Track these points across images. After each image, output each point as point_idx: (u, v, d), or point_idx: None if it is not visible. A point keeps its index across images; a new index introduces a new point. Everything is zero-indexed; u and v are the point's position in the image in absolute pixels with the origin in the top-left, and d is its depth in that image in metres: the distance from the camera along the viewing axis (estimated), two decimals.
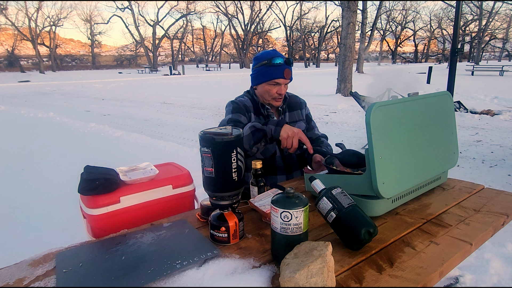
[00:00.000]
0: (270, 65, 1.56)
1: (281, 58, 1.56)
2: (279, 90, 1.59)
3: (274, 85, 1.59)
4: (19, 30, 36.96)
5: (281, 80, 1.57)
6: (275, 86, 1.59)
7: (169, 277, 0.82)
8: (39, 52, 37.04)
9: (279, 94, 1.60)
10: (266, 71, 1.57)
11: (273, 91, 1.59)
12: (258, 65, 1.61)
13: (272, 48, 4.58)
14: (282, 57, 1.57)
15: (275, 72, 1.56)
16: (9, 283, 0.82)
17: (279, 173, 1.66)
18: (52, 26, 40.62)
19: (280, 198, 0.86)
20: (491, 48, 56.58)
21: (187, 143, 5.40)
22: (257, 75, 1.62)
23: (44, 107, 9.66)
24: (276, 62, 1.54)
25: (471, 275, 1.97)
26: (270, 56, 1.57)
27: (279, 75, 1.56)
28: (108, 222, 1.13)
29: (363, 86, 5.90)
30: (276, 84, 1.58)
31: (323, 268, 0.73)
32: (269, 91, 1.60)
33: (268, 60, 1.56)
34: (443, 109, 1.33)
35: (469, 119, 6.93)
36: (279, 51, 1.94)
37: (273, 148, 1.65)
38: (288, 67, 1.57)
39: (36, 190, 3.44)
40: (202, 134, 0.94)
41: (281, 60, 1.55)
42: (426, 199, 1.27)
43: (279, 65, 1.55)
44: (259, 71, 1.60)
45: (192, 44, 58.02)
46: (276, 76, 1.56)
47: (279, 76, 1.56)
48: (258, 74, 1.61)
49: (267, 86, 1.60)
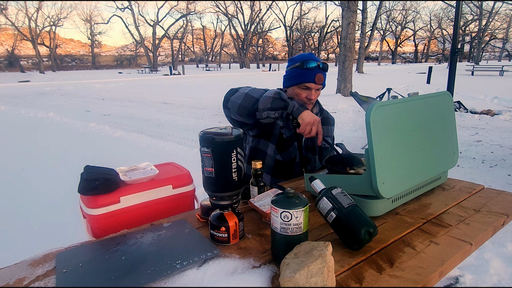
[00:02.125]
0: (303, 68, 1.50)
1: (315, 61, 1.49)
2: (309, 95, 1.52)
3: (304, 89, 1.52)
4: (19, 30, 36.94)
5: (311, 84, 1.50)
6: (305, 90, 1.52)
7: (169, 277, 0.82)
8: (39, 52, 37.02)
9: (309, 99, 1.53)
10: (298, 74, 1.51)
11: (303, 95, 1.52)
12: (291, 67, 1.55)
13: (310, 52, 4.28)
14: (318, 60, 1.50)
15: (307, 75, 1.49)
16: (9, 283, 0.82)
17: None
18: (52, 26, 40.63)
19: (280, 198, 0.86)
20: (491, 48, 56.59)
21: (187, 143, 5.40)
22: (288, 77, 1.57)
23: (44, 107, 9.66)
24: (309, 65, 1.48)
25: (471, 275, 1.97)
26: (304, 58, 1.51)
27: (310, 79, 1.49)
28: (108, 222, 1.13)
29: (363, 86, 5.89)
30: (307, 89, 1.51)
31: (323, 268, 0.73)
32: (299, 95, 1.53)
33: (301, 62, 1.50)
34: (443, 109, 1.33)
35: (469, 119, 6.93)
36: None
37: (293, 153, 1.62)
38: (321, 72, 1.50)
39: (36, 190, 3.44)
40: (202, 134, 0.94)
41: (314, 64, 1.48)
42: (426, 199, 1.27)
43: (312, 69, 1.48)
44: (291, 73, 1.55)
45: (192, 44, 58.04)
46: (307, 80, 1.49)
47: (310, 80, 1.49)
48: (290, 76, 1.55)
49: (297, 89, 1.53)
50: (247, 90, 1.40)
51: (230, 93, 1.44)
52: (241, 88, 1.45)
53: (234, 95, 1.41)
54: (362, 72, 23.69)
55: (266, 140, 1.62)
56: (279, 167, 1.62)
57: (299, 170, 1.63)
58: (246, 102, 1.36)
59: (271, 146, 1.61)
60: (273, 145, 1.61)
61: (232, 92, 1.44)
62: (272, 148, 1.61)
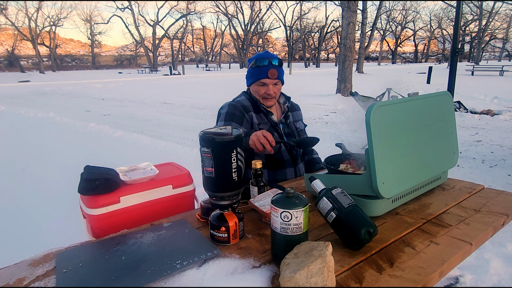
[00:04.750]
0: (257, 66, 1.64)
1: (266, 59, 1.62)
2: (267, 90, 1.65)
3: (261, 85, 1.66)
4: (19, 30, 36.96)
5: (266, 80, 1.64)
6: (262, 86, 1.66)
7: (169, 277, 0.82)
8: (39, 52, 37.04)
9: (268, 94, 1.66)
10: (253, 72, 1.66)
11: (262, 91, 1.66)
12: (249, 67, 1.71)
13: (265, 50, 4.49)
14: (271, 57, 1.64)
15: (260, 72, 1.63)
16: (9, 283, 0.82)
17: (287, 166, 1.70)
18: (52, 26, 40.66)
19: (280, 198, 0.86)
20: (491, 48, 56.60)
21: (187, 143, 5.39)
22: (247, 76, 1.72)
23: (44, 107, 9.65)
24: (261, 63, 1.62)
25: (471, 275, 1.97)
26: (257, 57, 1.65)
27: (263, 76, 1.63)
28: (108, 222, 1.13)
29: (363, 86, 5.90)
30: (264, 85, 1.66)
31: (323, 268, 0.73)
32: (258, 91, 1.68)
33: (254, 61, 1.64)
34: (443, 109, 1.33)
35: (469, 119, 6.93)
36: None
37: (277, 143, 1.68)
38: (273, 67, 1.63)
39: (36, 190, 3.44)
40: (202, 134, 0.94)
41: (266, 62, 1.62)
42: (426, 199, 1.27)
43: (264, 66, 1.62)
44: (249, 73, 1.70)
45: (192, 44, 58.04)
46: (261, 76, 1.63)
47: (263, 76, 1.63)
48: (248, 75, 1.71)
49: (256, 87, 1.68)
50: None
51: None
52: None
53: None
54: (362, 72, 23.68)
55: None
56: (270, 160, 1.69)
57: (290, 157, 1.72)
58: None
59: None
60: None
61: None
62: None
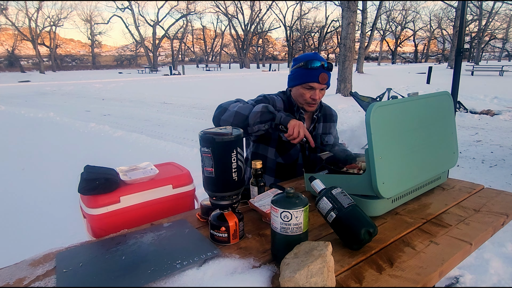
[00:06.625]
0: (307, 68, 1.51)
1: (319, 61, 1.50)
2: (313, 95, 1.53)
3: (308, 89, 1.54)
4: (19, 30, 36.92)
5: (315, 84, 1.51)
6: (309, 90, 1.54)
7: (169, 277, 0.82)
8: (39, 52, 37.00)
9: (313, 99, 1.54)
10: (302, 74, 1.53)
11: (307, 95, 1.54)
12: (295, 67, 1.56)
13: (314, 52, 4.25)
14: (322, 60, 1.52)
15: (310, 75, 1.50)
16: (9, 283, 0.82)
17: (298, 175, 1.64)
18: (52, 26, 40.59)
19: (280, 198, 0.86)
20: (491, 48, 56.59)
21: (187, 143, 5.40)
22: (292, 77, 1.59)
23: (44, 107, 9.65)
24: (313, 65, 1.49)
25: (471, 275, 1.97)
26: (308, 58, 1.52)
27: (314, 79, 1.50)
28: (108, 222, 1.13)
29: (363, 86, 5.90)
30: (311, 89, 1.53)
31: (323, 268, 0.73)
32: (303, 95, 1.55)
33: (305, 62, 1.51)
34: (443, 109, 1.33)
35: (469, 119, 6.93)
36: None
37: (295, 155, 1.63)
38: (325, 71, 1.51)
39: (36, 190, 3.44)
40: (202, 134, 0.94)
41: (318, 64, 1.49)
42: (426, 199, 1.27)
43: (315, 69, 1.50)
44: (295, 73, 1.56)
45: (192, 44, 58.01)
46: (311, 79, 1.51)
47: (313, 80, 1.50)
48: (294, 76, 1.57)
49: (301, 90, 1.55)
50: (236, 107, 1.41)
51: (220, 111, 1.45)
52: (229, 105, 1.45)
53: (224, 114, 1.42)
54: (362, 72, 23.68)
55: (264, 145, 1.64)
56: (282, 170, 1.63)
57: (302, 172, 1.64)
58: (237, 120, 1.38)
59: (271, 149, 1.63)
60: (273, 149, 1.62)
61: (222, 110, 1.44)
62: (273, 152, 1.63)
